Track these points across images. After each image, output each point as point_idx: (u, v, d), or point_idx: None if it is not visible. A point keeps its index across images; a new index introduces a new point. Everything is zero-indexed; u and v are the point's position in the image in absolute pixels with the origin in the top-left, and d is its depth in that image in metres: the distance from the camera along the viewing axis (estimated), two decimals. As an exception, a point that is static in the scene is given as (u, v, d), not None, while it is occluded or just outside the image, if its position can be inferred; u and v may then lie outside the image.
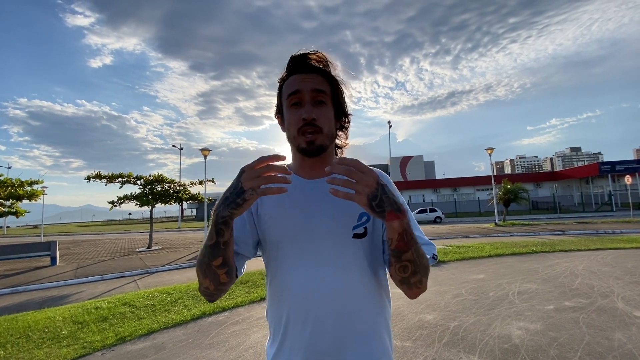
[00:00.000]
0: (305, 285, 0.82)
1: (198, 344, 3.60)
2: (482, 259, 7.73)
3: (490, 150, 19.48)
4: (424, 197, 41.45)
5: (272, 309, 0.88)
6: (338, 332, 0.81)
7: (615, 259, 6.99)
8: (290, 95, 0.84)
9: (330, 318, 0.80)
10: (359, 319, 0.82)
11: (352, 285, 0.82)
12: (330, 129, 0.86)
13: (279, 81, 0.91)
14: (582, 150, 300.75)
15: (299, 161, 0.91)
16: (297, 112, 0.83)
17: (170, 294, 5.57)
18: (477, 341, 3.28)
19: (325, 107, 0.85)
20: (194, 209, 62.94)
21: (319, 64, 0.87)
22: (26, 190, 14.77)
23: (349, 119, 0.96)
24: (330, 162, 0.90)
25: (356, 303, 0.82)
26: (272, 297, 0.88)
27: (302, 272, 0.82)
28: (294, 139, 0.85)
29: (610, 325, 3.50)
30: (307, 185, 0.89)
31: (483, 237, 12.83)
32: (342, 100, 0.92)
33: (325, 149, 0.85)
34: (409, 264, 0.74)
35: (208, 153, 14.25)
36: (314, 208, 0.85)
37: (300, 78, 0.84)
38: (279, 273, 0.86)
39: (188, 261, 9.88)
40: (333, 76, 0.89)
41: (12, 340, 3.83)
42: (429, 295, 4.91)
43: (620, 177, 31.18)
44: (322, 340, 0.80)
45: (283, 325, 0.84)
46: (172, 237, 20.62)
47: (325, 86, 0.86)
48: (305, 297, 0.81)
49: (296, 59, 0.86)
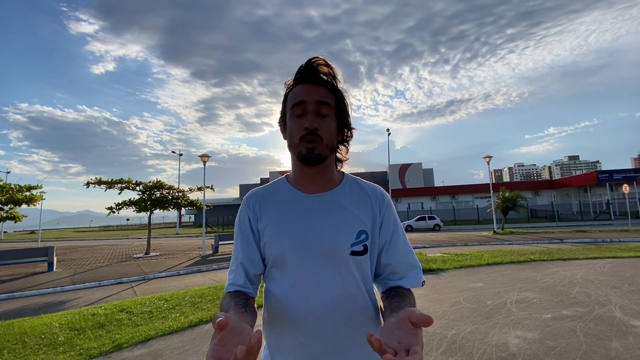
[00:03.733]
0: (303, 301, 0.82)
1: (195, 351, 3.58)
2: (481, 267, 7.72)
3: (488, 159, 19.58)
4: (423, 204, 41.46)
5: (270, 324, 0.88)
6: (335, 344, 0.81)
7: (613, 267, 7.00)
8: (294, 105, 0.85)
9: (328, 331, 0.81)
10: (356, 331, 0.83)
11: (349, 299, 0.83)
12: (331, 141, 0.87)
13: (285, 87, 0.91)
14: (580, 159, 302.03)
15: (299, 172, 0.91)
16: (300, 121, 0.84)
17: (167, 301, 5.54)
18: (474, 350, 3.27)
19: (328, 119, 0.85)
20: (193, 215, 62.70)
21: (326, 76, 0.87)
22: (25, 195, 14.75)
23: (351, 133, 0.95)
24: (329, 176, 0.91)
25: (353, 317, 0.83)
26: (270, 312, 0.87)
27: (301, 288, 0.82)
28: (295, 146, 0.85)
29: (607, 334, 3.50)
30: (306, 199, 0.89)
31: (481, 245, 12.82)
32: (346, 114, 0.91)
33: (325, 159, 0.86)
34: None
35: (207, 159, 14.29)
36: (312, 224, 0.85)
37: (306, 89, 0.85)
38: (276, 288, 0.86)
39: (186, 268, 9.84)
40: (339, 89, 0.89)
41: (9, 346, 3.81)
42: (427, 304, 4.91)
43: (618, 185, 31.29)
44: (318, 352, 0.81)
45: (281, 339, 0.84)
46: (170, 243, 20.51)
47: (330, 98, 0.86)
48: (304, 312, 0.81)
49: (304, 70, 0.87)
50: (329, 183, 0.91)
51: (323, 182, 0.90)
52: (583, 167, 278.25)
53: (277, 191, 0.93)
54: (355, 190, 0.92)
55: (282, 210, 0.88)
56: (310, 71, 0.86)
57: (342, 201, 0.88)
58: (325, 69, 0.87)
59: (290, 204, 0.89)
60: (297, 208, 0.88)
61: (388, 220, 0.90)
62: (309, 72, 0.86)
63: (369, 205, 0.89)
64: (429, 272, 7.29)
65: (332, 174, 0.93)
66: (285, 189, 0.93)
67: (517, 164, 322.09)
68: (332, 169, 0.93)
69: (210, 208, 17.01)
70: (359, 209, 0.88)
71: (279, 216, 0.88)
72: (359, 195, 0.91)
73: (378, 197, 0.92)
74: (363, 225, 0.86)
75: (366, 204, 0.89)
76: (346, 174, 0.97)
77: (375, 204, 0.90)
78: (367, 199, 0.90)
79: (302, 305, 0.82)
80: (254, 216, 0.91)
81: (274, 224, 0.87)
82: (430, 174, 56.19)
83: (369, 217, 0.88)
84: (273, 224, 0.87)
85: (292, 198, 0.90)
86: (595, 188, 35.71)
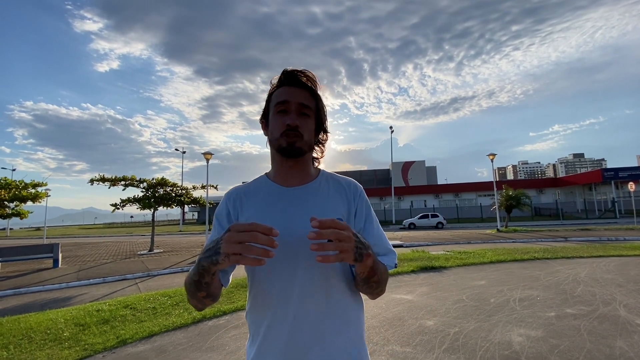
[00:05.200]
0: (285, 286, 0.85)
1: (198, 347, 3.61)
2: (484, 265, 7.69)
3: (492, 156, 19.47)
4: (426, 202, 41.33)
5: (253, 310, 0.91)
6: (318, 327, 0.85)
7: (618, 266, 6.95)
8: (278, 104, 0.91)
9: (310, 315, 0.85)
10: (337, 313, 0.87)
11: (329, 283, 0.87)
12: (310, 139, 0.94)
13: (270, 86, 0.98)
14: (585, 157, 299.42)
15: (277, 166, 0.97)
16: (282, 118, 0.90)
17: (171, 297, 5.58)
18: (477, 347, 3.27)
19: (309, 120, 0.93)
20: (196, 212, 63.01)
21: (308, 81, 0.95)
22: (30, 192, 14.88)
23: (327, 136, 1.04)
24: (307, 171, 0.98)
25: (334, 300, 0.87)
26: (254, 298, 0.91)
27: (282, 273, 0.86)
28: (276, 140, 0.91)
29: (612, 333, 3.48)
30: (285, 192, 0.94)
31: (485, 243, 12.77)
32: (324, 118, 1.00)
33: (303, 153, 0.92)
34: (374, 283, 0.85)
35: (210, 157, 14.33)
36: (292, 211, 0.90)
37: (291, 90, 0.92)
38: (259, 275, 0.89)
39: (189, 265, 9.89)
40: (319, 95, 0.97)
41: (15, 341, 3.86)
42: (430, 301, 4.90)
43: (624, 183, 31.00)
44: (302, 336, 0.84)
45: (264, 325, 0.87)
46: (173, 240, 20.66)
47: (311, 102, 0.94)
48: (285, 297, 0.85)
49: (288, 74, 0.94)
50: (307, 177, 0.98)
51: (301, 176, 0.97)
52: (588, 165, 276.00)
53: (258, 187, 0.99)
54: (331, 183, 0.99)
55: (262, 204, 0.94)
56: (294, 75, 0.94)
57: (319, 193, 0.95)
58: (308, 75, 0.95)
59: (270, 197, 0.94)
60: (277, 201, 0.93)
61: (361, 207, 0.97)
62: (293, 76, 0.94)
63: (344, 196, 0.96)
64: (432, 270, 7.28)
65: (310, 169, 1.00)
66: (266, 184, 0.98)
67: (521, 162, 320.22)
68: (309, 164, 1.00)
69: (213, 205, 17.07)
70: (335, 199, 0.95)
71: (259, 208, 0.93)
72: (334, 187, 0.98)
73: (352, 187, 0.99)
74: (340, 214, 0.92)
75: (342, 195, 0.96)
76: (322, 170, 1.05)
77: (350, 194, 0.97)
78: (343, 190, 0.98)
79: (284, 294, 0.85)
80: (234, 210, 0.95)
81: (255, 216, 0.91)
82: (433, 172, 55.99)
83: (345, 207, 0.95)
84: (254, 216, 0.91)
85: (272, 192, 0.96)
86: (601, 186, 35.41)
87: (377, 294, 0.91)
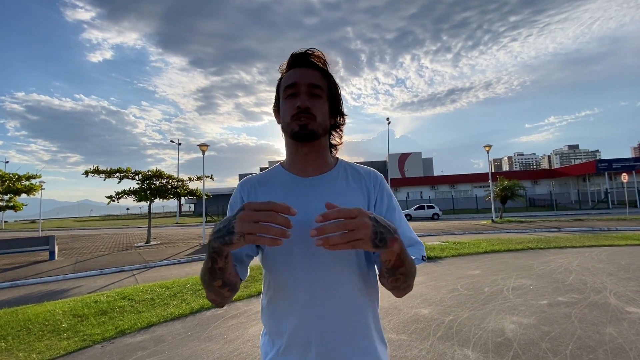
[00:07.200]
0: (306, 285, 0.82)
1: (197, 336, 3.65)
2: (478, 255, 7.81)
3: (488, 148, 19.54)
4: (422, 193, 41.58)
5: (270, 308, 0.88)
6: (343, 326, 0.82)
7: (609, 255, 7.08)
8: (287, 87, 0.86)
9: (330, 314, 0.81)
10: (356, 311, 0.83)
11: (349, 279, 0.83)
12: (324, 120, 0.87)
13: (280, 72, 0.93)
14: (580, 148, 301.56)
15: (292, 154, 0.92)
16: (292, 101, 0.85)
17: (169, 288, 5.61)
18: (471, 335, 3.34)
19: (321, 101, 0.86)
20: (192, 204, 62.87)
21: (318, 60, 0.90)
22: (24, 184, 14.74)
23: (344, 119, 0.97)
24: (324, 158, 0.92)
25: (353, 297, 0.83)
26: (272, 297, 0.87)
27: (302, 272, 0.82)
28: (288, 125, 0.86)
29: (602, 320, 3.57)
30: (302, 182, 0.89)
31: (480, 234, 12.92)
32: (338, 98, 0.93)
33: (318, 136, 0.86)
34: (401, 276, 0.76)
35: (206, 148, 14.23)
36: (310, 205, 0.83)
37: (299, 71, 0.86)
38: (277, 273, 0.85)
39: (186, 256, 9.93)
40: (330, 74, 0.91)
41: (13, 332, 3.87)
42: (425, 290, 4.98)
43: (617, 175, 31.37)
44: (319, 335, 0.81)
45: (281, 323, 0.84)
46: (170, 232, 20.65)
47: (322, 82, 0.87)
48: (304, 295, 0.82)
49: (296, 56, 0.89)
50: (324, 166, 0.92)
51: (317, 164, 0.91)
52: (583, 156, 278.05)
53: (273, 177, 0.93)
54: (349, 172, 0.94)
55: (278, 194, 0.88)
56: (302, 56, 0.88)
57: (337, 183, 0.90)
58: (317, 54, 0.90)
59: (286, 188, 0.89)
60: (294, 191, 0.88)
61: (382, 197, 0.91)
62: (301, 57, 0.88)
63: (364, 186, 0.91)
64: (428, 260, 7.37)
65: (327, 157, 0.94)
66: (281, 174, 0.93)
67: (517, 153, 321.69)
68: (326, 152, 0.94)
69: (210, 197, 17.04)
70: (355, 189, 0.90)
71: (274, 199, 0.86)
72: (353, 176, 0.93)
73: (372, 177, 0.93)
74: (359, 205, 0.85)
75: (361, 185, 0.91)
76: (340, 159, 0.98)
77: (370, 183, 0.92)
78: (362, 179, 0.92)
79: (302, 288, 0.82)
80: (249, 198, 0.90)
81: None
82: (429, 163, 56.17)
83: (365, 198, 0.90)
84: None
85: (288, 182, 0.90)
86: (594, 177, 35.77)
87: (404, 289, 0.82)
